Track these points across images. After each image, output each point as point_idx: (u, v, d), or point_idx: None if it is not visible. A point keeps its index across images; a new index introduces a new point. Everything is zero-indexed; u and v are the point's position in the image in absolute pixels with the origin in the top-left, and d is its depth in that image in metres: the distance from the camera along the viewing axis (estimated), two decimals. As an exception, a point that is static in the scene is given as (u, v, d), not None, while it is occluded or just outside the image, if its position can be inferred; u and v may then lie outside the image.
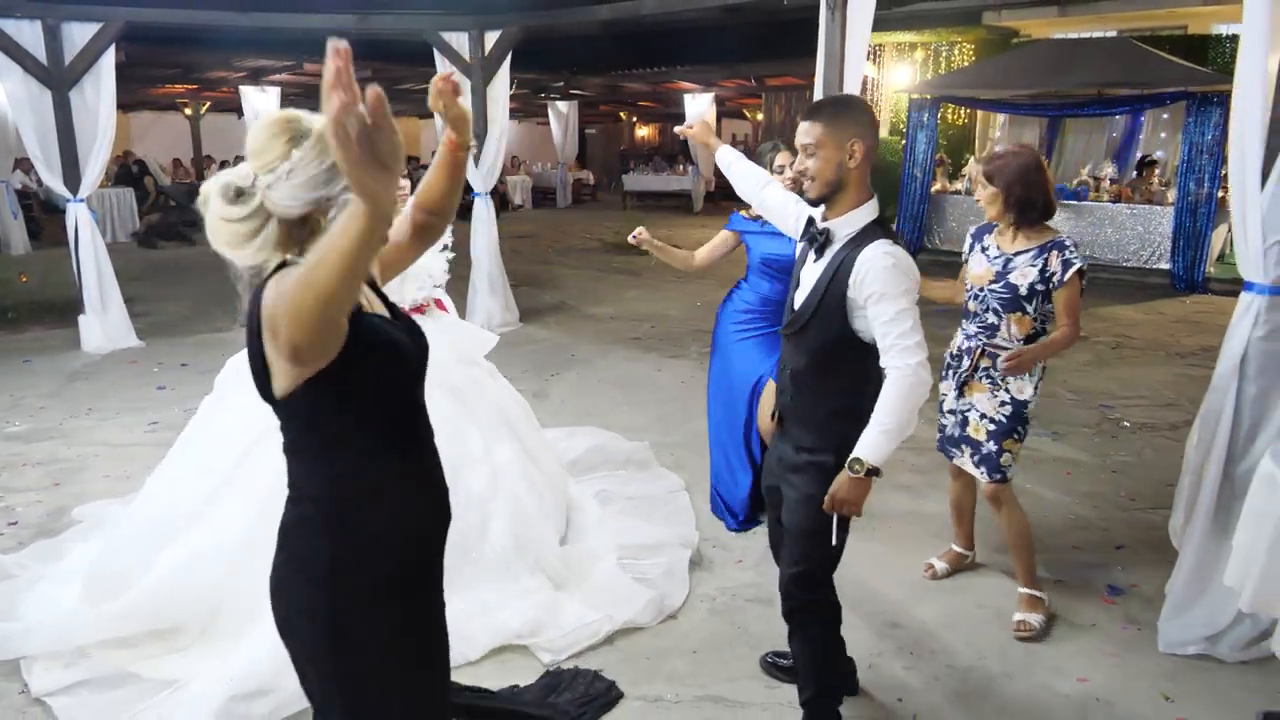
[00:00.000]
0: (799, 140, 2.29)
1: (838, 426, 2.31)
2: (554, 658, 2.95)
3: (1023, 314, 3.04)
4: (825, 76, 5.65)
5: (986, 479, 3.17)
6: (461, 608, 3.11)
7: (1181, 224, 10.16)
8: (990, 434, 3.14)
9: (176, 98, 17.31)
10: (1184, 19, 12.87)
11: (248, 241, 1.48)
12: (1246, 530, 2.56)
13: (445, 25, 7.81)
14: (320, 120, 1.40)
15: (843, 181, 2.25)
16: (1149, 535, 3.86)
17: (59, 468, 4.64)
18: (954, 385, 3.23)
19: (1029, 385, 3.09)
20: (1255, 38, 2.86)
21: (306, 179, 1.45)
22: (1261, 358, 3.00)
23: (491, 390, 3.72)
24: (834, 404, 2.35)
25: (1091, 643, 3.08)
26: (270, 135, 1.47)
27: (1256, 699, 2.75)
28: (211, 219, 1.49)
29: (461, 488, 3.31)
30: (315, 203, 1.48)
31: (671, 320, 8.45)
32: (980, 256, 3.17)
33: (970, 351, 3.17)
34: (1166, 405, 5.83)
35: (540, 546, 3.37)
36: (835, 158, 2.23)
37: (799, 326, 2.35)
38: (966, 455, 3.24)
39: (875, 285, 2.18)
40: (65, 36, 6.81)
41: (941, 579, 3.52)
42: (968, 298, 3.20)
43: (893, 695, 2.80)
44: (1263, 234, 2.89)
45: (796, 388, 2.40)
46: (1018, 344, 3.06)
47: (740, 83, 17.53)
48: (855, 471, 2.20)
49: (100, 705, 2.68)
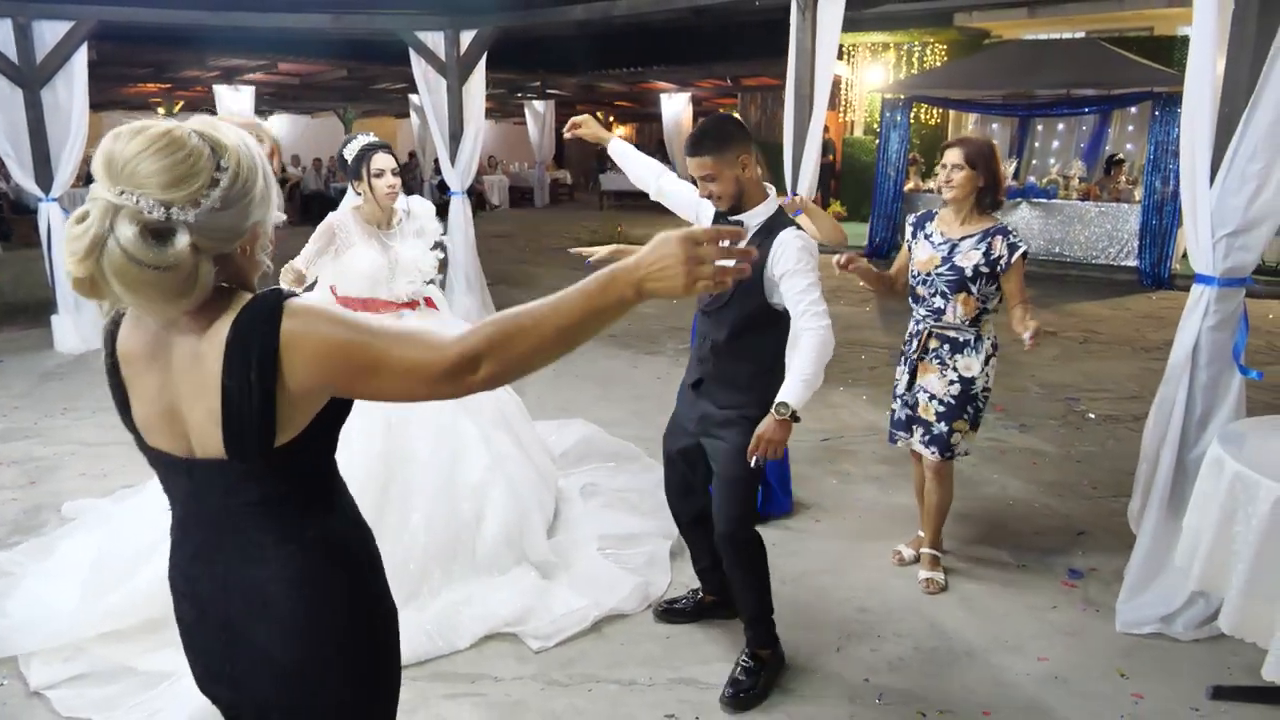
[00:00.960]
0: (695, 173, 2.61)
1: (760, 383, 2.65)
2: (542, 644, 3.02)
3: (968, 294, 3.22)
4: (797, 76, 5.75)
5: (936, 456, 3.34)
6: (451, 599, 3.19)
7: (1148, 221, 10.35)
8: (939, 415, 3.30)
9: (149, 97, 17.17)
10: (1150, 21, 13.09)
11: (187, 293, 1.19)
12: (1195, 511, 2.68)
13: (420, 25, 7.83)
14: (219, 133, 1.25)
15: (743, 191, 2.61)
16: (1110, 521, 3.98)
17: (34, 466, 4.64)
18: (905, 369, 3.39)
19: (976, 362, 3.26)
20: (1204, 41, 2.98)
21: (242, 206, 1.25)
22: (1212, 347, 3.12)
23: None
24: (754, 365, 2.70)
25: (1052, 624, 3.18)
26: (184, 158, 1.18)
27: (1207, 674, 2.86)
28: (134, 271, 1.14)
29: (460, 478, 3.39)
30: (250, 231, 1.29)
31: (648, 318, 8.52)
32: (924, 244, 3.34)
33: (919, 334, 3.35)
34: (1131, 398, 5.97)
35: (529, 540, 3.46)
36: (731, 175, 2.57)
37: (721, 303, 2.67)
38: (917, 436, 3.39)
39: (790, 263, 2.54)
40: (36, 35, 6.78)
41: (909, 564, 3.61)
42: (914, 283, 3.35)
43: (859, 676, 2.88)
44: (1212, 228, 3.00)
45: (718, 356, 2.72)
46: (964, 323, 3.24)
47: (716, 83, 17.61)
48: (780, 414, 2.49)
49: (99, 698, 2.71)
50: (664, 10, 7.28)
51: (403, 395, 1.27)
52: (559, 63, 15.64)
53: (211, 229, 1.20)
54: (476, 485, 3.41)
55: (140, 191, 1.15)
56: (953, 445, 3.31)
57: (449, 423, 3.47)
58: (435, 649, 2.97)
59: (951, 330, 3.28)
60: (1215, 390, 3.15)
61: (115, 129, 1.21)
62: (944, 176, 3.25)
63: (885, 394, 5.96)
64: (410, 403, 1.32)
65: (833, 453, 4.91)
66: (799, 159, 5.77)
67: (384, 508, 3.21)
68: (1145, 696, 2.77)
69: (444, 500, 3.32)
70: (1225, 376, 3.15)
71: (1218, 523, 2.50)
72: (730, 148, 2.54)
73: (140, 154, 1.17)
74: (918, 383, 3.37)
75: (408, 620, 2.99)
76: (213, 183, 1.20)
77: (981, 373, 3.27)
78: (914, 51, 14.91)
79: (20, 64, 6.74)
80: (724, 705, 2.71)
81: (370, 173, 3.36)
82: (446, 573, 3.25)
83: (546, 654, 2.99)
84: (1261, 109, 2.81)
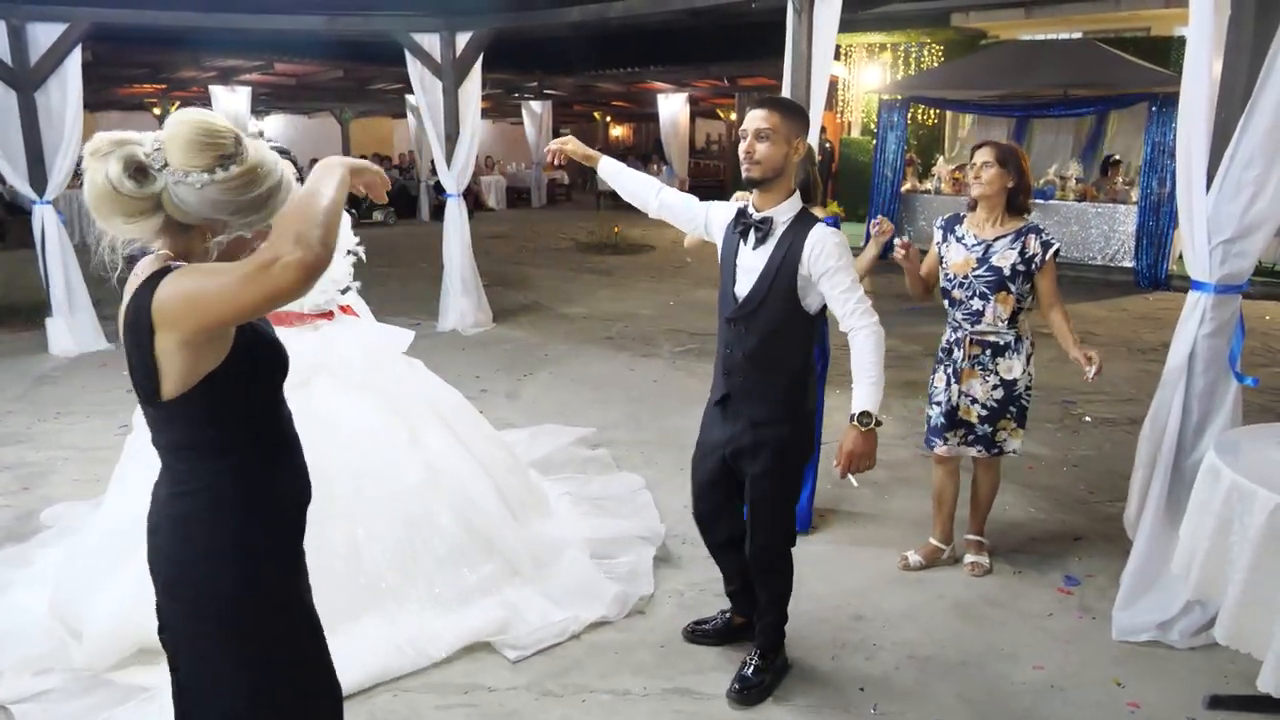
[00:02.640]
0: (754, 125, 2.48)
1: (793, 396, 2.61)
2: (520, 654, 2.99)
3: (1007, 293, 3.27)
4: (793, 77, 5.73)
5: (984, 453, 3.43)
6: (421, 604, 3.12)
7: (1144, 223, 10.35)
8: (982, 418, 3.38)
9: (145, 97, 17.13)
10: (1147, 21, 13.11)
11: (129, 219, 1.49)
12: (1191, 520, 2.66)
13: (415, 26, 7.80)
14: (258, 152, 1.53)
15: (782, 171, 2.50)
16: (1106, 527, 3.97)
17: (27, 471, 4.61)
18: (948, 376, 3.43)
19: (1018, 364, 3.33)
20: (1200, 45, 2.96)
21: (218, 200, 1.49)
22: (1208, 353, 3.11)
23: (411, 382, 3.69)
24: (789, 375, 2.60)
25: (1048, 632, 3.17)
26: (206, 143, 1.47)
27: (1204, 682, 2.85)
28: (100, 181, 1.46)
29: (397, 482, 3.29)
30: (211, 222, 1.53)
31: (644, 320, 8.51)
32: (957, 246, 3.36)
33: (960, 343, 3.38)
34: (1127, 400, 5.96)
35: (493, 529, 3.38)
36: (783, 145, 2.47)
37: (751, 309, 2.56)
38: (957, 438, 3.44)
39: (830, 260, 2.45)
40: (30, 37, 6.75)
41: (914, 570, 3.60)
42: (949, 286, 3.37)
43: (854, 685, 2.87)
44: (1208, 235, 2.99)
45: (751, 367, 2.60)
46: (1002, 324, 3.29)
47: (713, 83, 17.62)
48: (865, 425, 2.44)
49: (65, 713, 2.66)
50: (660, 12, 7.25)
51: (243, 305, 1.40)
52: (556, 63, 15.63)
53: (183, 198, 1.48)
54: (416, 485, 3.31)
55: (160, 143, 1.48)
56: (999, 443, 3.41)
57: (369, 427, 3.37)
58: (409, 663, 2.90)
59: (991, 334, 3.33)
60: (1211, 397, 3.14)
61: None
62: (974, 173, 3.30)
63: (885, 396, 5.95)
64: (259, 314, 1.45)
65: (829, 458, 4.88)
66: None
67: (326, 524, 3.03)
68: (1141, 705, 2.75)
69: (385, 506, 3.22)
70: (1221, 383, 3.13)
71: (1214, 532, 2.49)
72: (797, 122, 2.49)
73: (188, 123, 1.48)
74: (959, 387, 3.40)
75: (375, 635, 2.97)
76: (209, 170, 1.46)
77: (1024, 373, 3.35)
78: (911, 52, 14.90)
79: (14, 66, 6.71)
80: (730, 699, 2.76)
81: None
82: (407, 575, 3.15)
83: (540, 664, 2.96)
84: (1258, 114, 2.80)
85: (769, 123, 2.46)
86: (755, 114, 2.50)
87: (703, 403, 2.89)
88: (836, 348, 3.66)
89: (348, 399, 3.38)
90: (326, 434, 3.23)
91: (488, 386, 6.21)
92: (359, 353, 3.47)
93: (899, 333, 7.98)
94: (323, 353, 3.39)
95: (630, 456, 4.78)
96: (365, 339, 3.57)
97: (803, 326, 2.57)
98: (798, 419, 2.62)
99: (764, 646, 2.85)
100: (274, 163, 1.56)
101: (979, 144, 3.37)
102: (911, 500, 4.24)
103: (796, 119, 2.50)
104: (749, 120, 2.50)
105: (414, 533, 3.23)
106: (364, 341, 3.54)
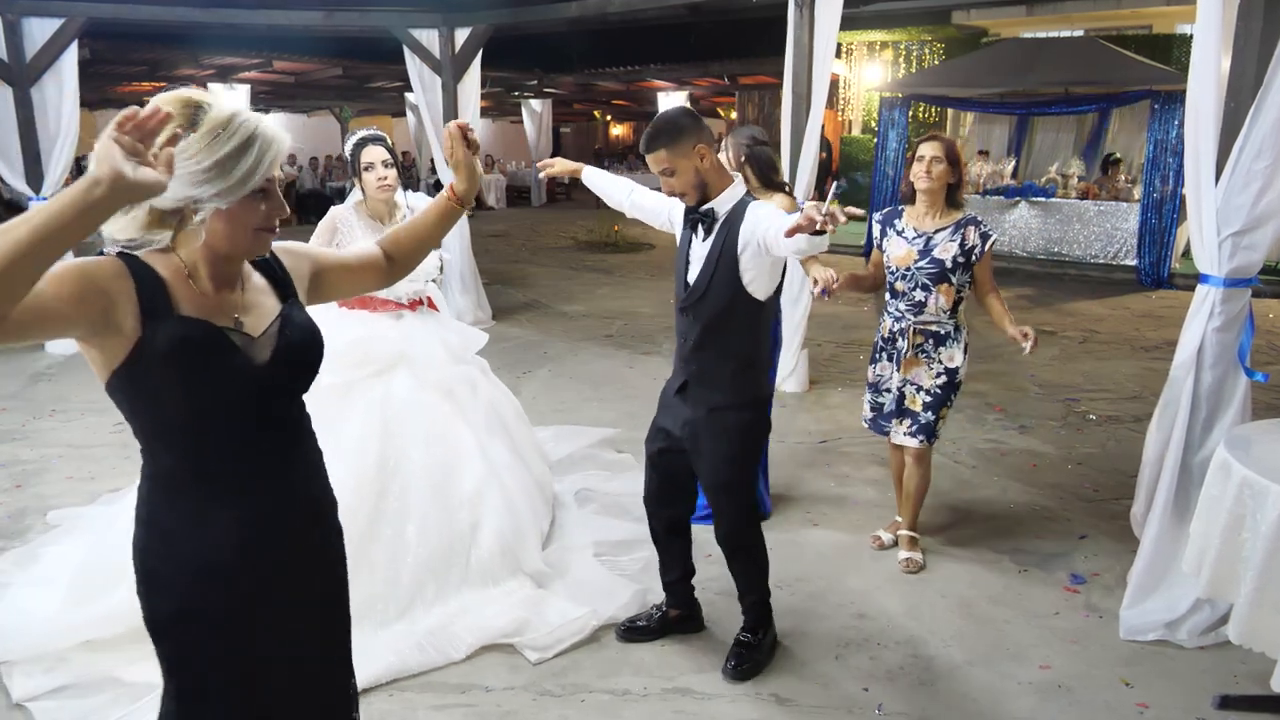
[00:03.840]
0: (654, 169, 2.56)
1: (745, 379, 2.66)
2: (541, 655, 2.94)
3: (948, 284, 3.34)
4: (794, 74, 5.70)
5: (924, 443, 3.44)
6: (445, 611, 3.11)
7: (1147, 221, 10.30)
8: (926, 405, 3.42)
9: (142, 95, 17.09)
10: (1148, 19, 13.05)
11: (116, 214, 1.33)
12: (1202, 517, 2.62)
13: (414, 22, 7.76)
14: (217, 115, 1.38)
15: (705, 181, 2.55)
16: (1111, 525, 3.92)
17: (21, 470, 4.57)
18: (893, 365, 3.48)
19: (958, 352, 3.39)
20: (1208, 38, 2.92)
21: (183, 174, 1.34)
22: (1217, 348, 3.07)
23: (485, 388, 3.71)
24: (738, 360, 2.65)
25: (1054, 631, 3.12)
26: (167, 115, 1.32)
27: (1213, 683, 2.80)
28: None
29: (455, 488, 3.31)
30: (184, 201, 1.39)
31: (643, 318, 8.46)
32: (898, 240, 3.42)
33: (904, 332, 3.42)
34: (1131, 398, 5.91)
35: (524, 550, 3.38)
36: (689, 166, 2.51)
37: (698, 296, 2.61)
38: (904, 426, 3.48)
39: (762, 224, 2.44)
40: (26, 32, 6.69)
41: (888, 549, 3.67)
42: (893, 279, 3.43)
43: (859, 685, 2.82)
44: (1217, 228, 2.95)
45: (702, 352, 2.66)
46: (944, 314, 3.35)
47: (713, 81, 17.58)
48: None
49: (82, 709, 2.64)
50: (659, 7, 7.20)
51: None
52: (556, 61, 15.60)
53: None
54: (471, 495, 3.32)
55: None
56: (937, 431, 3.44)
57: (442, 430, 3.38)
58: (428, 661, 2.88)
59: (933, 324, 3.38)
60: (1220, 392, 3.10)
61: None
62: (923, 168, 3.32)
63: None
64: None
65: (830, 455, 4.85)
66: (797, 158, 5.71)
67: (378, 519, 3.13)
68: (1150, 706, 2.71)
69: (438, 510, 3.23)
70: (1230, 378, 3.09)
71: (1225, 529, 2.44)
72: (684, 139, 2.49)
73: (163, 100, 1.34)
74: (904, 376, 3.45)
75: (399, 634, 2.96)
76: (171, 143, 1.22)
77: (964, 360, 3.41)
78: (912, 50, 14.86)
79: (10, 61, 6.66)
80: (726, 675, 2.82)
81: (361, 166, 3.33)
82: (441, 585, 3.15)
83: (538, 664, 2.92)
84: (1268, 105, 2.75)
85: (663, 162, 2.51)
86: (649, 160, 2.55)
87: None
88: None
89: (425, 396, 3.40)
90: (402, 426, 3.28)
91: (486, 384, 6.16)
92: (441, 351, 3.48)
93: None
94: (402, 343, 3.40)
95: (630, 454, 4.72)
96: (445, 336, 3.58)
97: (750, 312, 2.60)
98: (754, 404, 2.69)
99: (752, 623, 2.91)
100: (233, 121, 1.38)
101: (924, 137, 3.41)
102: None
103: (682, 135, 2.49)
104: (650, 166, 2.57)
105: (456, 543, 3.24)
106: (444, 339, 3.55)
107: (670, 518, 2.96)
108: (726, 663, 2.85)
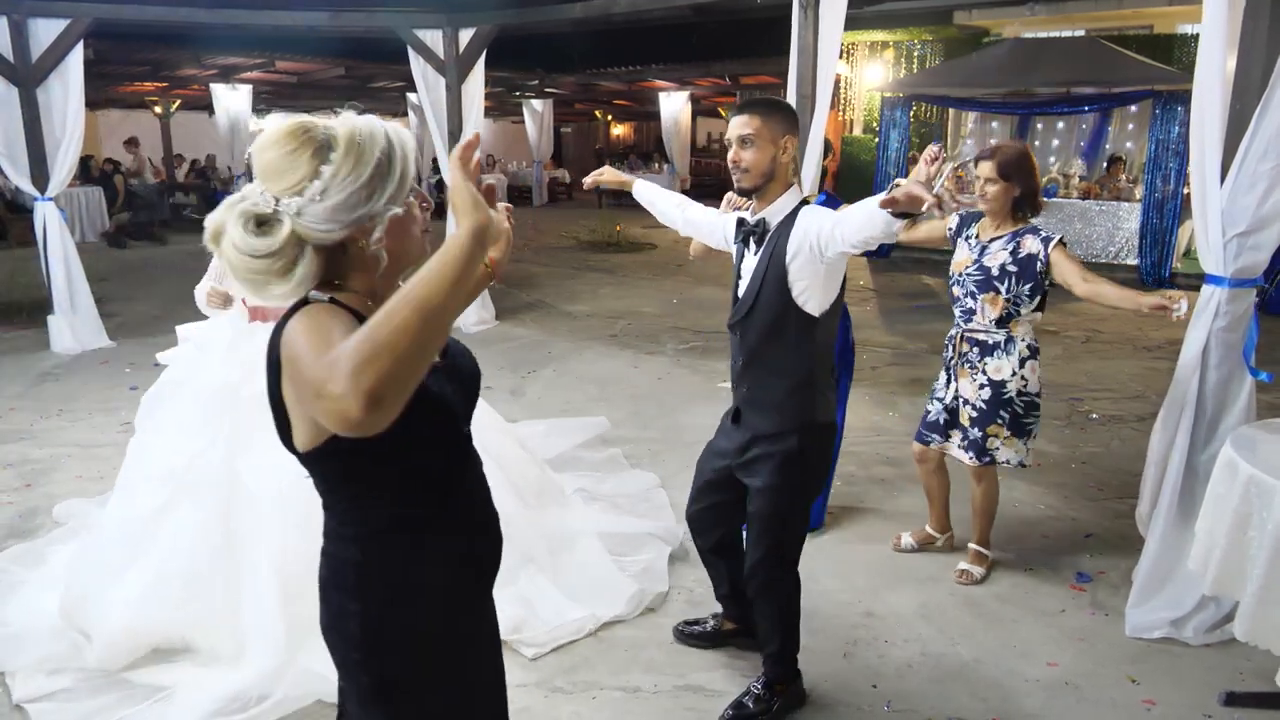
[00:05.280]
0: (736, 132, 2.40)
1: (796, 402, 2.47)
2: (537, 651, 2.96)
3: (995, 294, 3.22)
4: (799, 74, 5.70)
5: (974, 462, 3.34)
6: None
7: (1149, 220, 10.32)
8: (973, 420, 3.32)
9: (146, 95, 17.09)
10: (1150, 19, 13.06)
11: (284, 278, 1.27)
12: (1208, 515, 2.64)
13: (418, 23, 7.77)
14: (345, 126, 1.30)
15: (773, 174, 2.40)
16: (1116, 524, 3.94)
17: (30, 469, 4.59)
18: (947, 375, 3.42)
19: (1006, 365, 3.24)
20: (1214, 38, 2.93)
21: (345, 197, 1.27)
22: (1222, 348, 3.08)
23: None
24: (791, 379, 2.47)
25: (1061, 629, 3.15)
26: (289, 152, 1.26)
27: (1219, 680, 2.82)
28: (234, 256, 1.26)
29: None
30: (357, 223, 1.30)
31: (647, 317, 8.48)
32: (963, 244, 3.37)
33: (953, 339, 3.37)
34: (1134, 397, 5.94)
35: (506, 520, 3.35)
36: (769, 149, 2.37)
37: (746, 311, 2.49)
38: (955, 440, 3.41)
39: (814, 225, 2.31)
40: (32, 33, 6.72)
41: (905, 552, 3.66)
42: (951, 284, 3.38)
43: (867, 682, 2.84)
44: (1222, 228, 2.96)
45: (753, 371, 2.52)
46: (991, 325, 3.24)
47: (715, 81, 17.57)
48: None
49: (80, 712, 2.64)
50: (664, 7, 7.22)
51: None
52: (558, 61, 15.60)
53: (314, 220, 1.26)
54: None
55: (263, 184, 1.28)
56: (989, 450, 3.31)
57: None
58: None
59: (980, 332, 3.29)
60: (1225, 392, 3.11)
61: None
62: (979, 189, 3.26)
63: (886, 393, 5.94)
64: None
65: (836, 454, 4.86)
66: (801, 158, 5.73)
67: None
68: (1157, 703, 2.73)
69: None
70: (1235, 378, 3.11)
71: (1231, 528, 2.46)
72: (780, 121, 2.37)
73: (265, 146, 1.28)
74: (955, 386, 3.39)
75: None
76: (315, 174, 1.25)
77: (1014, 376, 3.24)
78: (913, 50, 14.88)
79: (16, 62, 6.68)
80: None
81: None
82: None
83: (550, 661, 2.94)
84: (1274, 106, 2.77)
85: (750, 127, 2.36)
86: (736, 120, 2.40)
87: (707, 399, 2.89)
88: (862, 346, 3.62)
89: None
90: None
91: (492, 384, 6.18)
92: None
93: (903, 330, 7.96)
94: None
95: (636, 454, 4.75)
96: None
97: (800, 326, 2.41)
98: (805, 430, 2.46)
99: (770, 677, 2.68)
100: (365, 125, 1.31)
101: (982, 154, 3.27)
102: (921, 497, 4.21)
103: (780, 117, 2.39)
104: (731, 128, 2.41)
105: None
106: None
107: (714, 538, 2.83)
108: (726, 711, 2.65)
